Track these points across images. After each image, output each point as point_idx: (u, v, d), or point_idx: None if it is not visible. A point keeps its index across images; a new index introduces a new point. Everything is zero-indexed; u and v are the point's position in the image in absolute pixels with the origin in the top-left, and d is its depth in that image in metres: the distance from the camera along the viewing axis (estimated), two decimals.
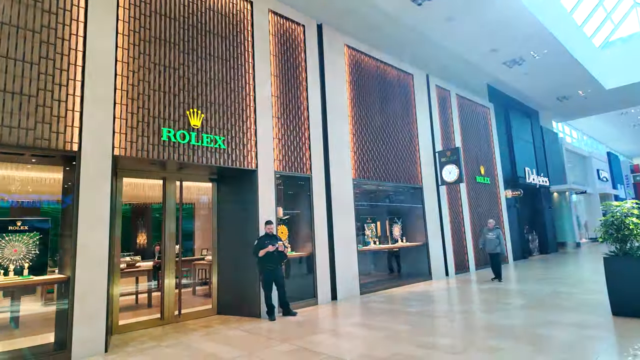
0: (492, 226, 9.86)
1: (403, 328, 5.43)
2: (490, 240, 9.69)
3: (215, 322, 6.43)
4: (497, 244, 9.57)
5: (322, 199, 8.07)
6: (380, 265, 10.45)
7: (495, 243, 9.58)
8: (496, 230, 9.74)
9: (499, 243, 9.56)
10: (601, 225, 6.01)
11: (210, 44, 6.79)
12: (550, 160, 20.04)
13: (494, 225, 9.90)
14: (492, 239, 9.63)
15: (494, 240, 9.61)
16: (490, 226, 9.90)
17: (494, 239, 9.60)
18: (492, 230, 9.77)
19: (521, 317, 5.76)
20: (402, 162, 10.44)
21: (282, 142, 7.61)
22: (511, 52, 12.15)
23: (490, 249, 9.69)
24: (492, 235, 9.67)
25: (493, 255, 9.69)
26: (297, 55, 8.26)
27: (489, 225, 9.93)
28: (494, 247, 9.60)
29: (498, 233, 9.67)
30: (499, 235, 9.66)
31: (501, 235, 9.69)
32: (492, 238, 9.63)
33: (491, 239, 9.65)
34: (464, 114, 13.45)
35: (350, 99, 9.29)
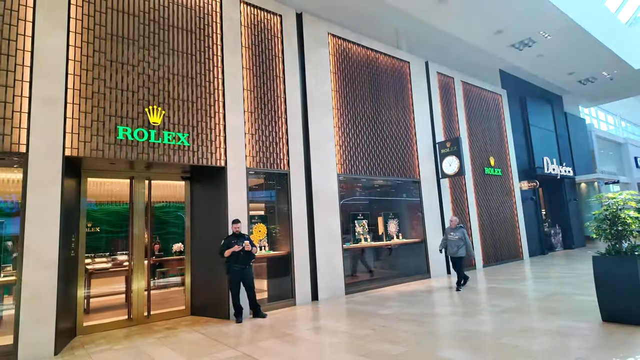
0: (454, 224, 8.34)
1: (364, 333, 5.05)
2: (451, 241, 8.20)
3: (183, 323, 6.29)
4: (459, 245, 8.07)
5: (301, 195, 7.75)
6: (374, 264, 10.00)
7: (458, 245, 8.09)
8: (459, 229, 8.22)
9: (462, 244, 8.08)
10: (593, 220, 5.35)
11: (173, 38, 6.61)
12: (576, 149, 18.70)
13: (457, 224, 8.37)
14: (454, 240, 8.14)
15: (456, 241, 8.11)
16: (452, 224, 8.38)
17: (456, 239, 8.12)
18: (455, 229, 8.25)
19: (498, 322, 5.23)
20: (397, 155, 9.92)
21: (256, 138, 7.34)
22: (518, 33, 11.27)
23: (451, 252, 8.20)
24: (454, 235, 8.17)
25: (455, 259, 8.23)
26: (273, 47, 7.94)
27: (451, 223, 8.41)
28: (455, 250, 8.11)
29: (462, 233, 8.15)
30: (464, 235, 8.15)
31: (466, 235, 8.18)
32: (454, 239, 8.14)
33: (452, 239, 8.17)
34: (471, 102, 12.67)
35: (336, 90, 8.88)
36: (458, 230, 8.21)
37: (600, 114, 29.30)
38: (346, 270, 8.47)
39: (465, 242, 8.10)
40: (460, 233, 8.14)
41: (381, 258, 10.10)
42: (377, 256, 9.99)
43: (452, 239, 8.22)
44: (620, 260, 4.79)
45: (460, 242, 8.10)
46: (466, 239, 8.13)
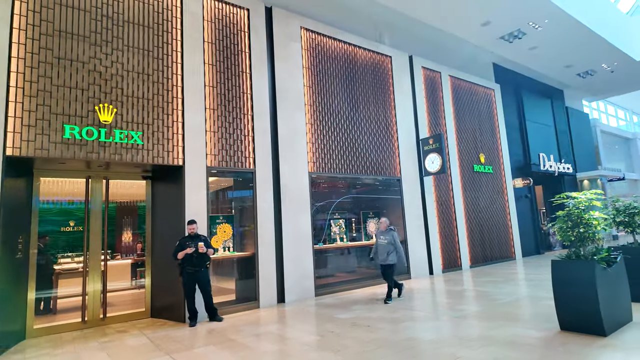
0: (384, 227, 7.29)
1: (310, 340, 4.83)
2: (381, 246, 7.15)
3: (138, 326, 6.15)
4: (389, 251, 7.00)
5: (268, 195, 7.53)
6: (351, 264, 9.74)
7: (388, 250, 7.00)
8: (389, 232, 7.17)
9: (393, 250, 7.02)
10: (556, 221, 5.01)
11: (128, 34, 6.43)
12: (578, 145, 18.08)
13: (388, 226, 7.32)
14: (383, 245, 7.09)
15: (386, 246, 7.04)
16: (382, 227, 7.33)
17: (386, 244, 7.06)
18: (385, 232, 7.20)
19: (452, 329, 4.94)
20: (376, 153, 9.62)
21: (219, 135, 7.14)
22: (506, 24, 10.82)
23: (380, 258, 7.12)
24: (384, 239, 7.13)
25: (384, 267, 7.15)
26: (239, 42, 7.72)
27: (381, 225, 7.37)
28: (384, 257, 7.03)
29: (392, 236, 7.10)
30: (394, 239, 7.08)
31: (397, 239, 7.11)
32: (384, 243, 7.09)
33: (382, 244, 7.13)
34: (460, 97, 12.27)
35: (309, 86, 8.63)
36: (388, 233, 7.16)
37: (609, 109, 28.40)
38: (319, 271, 8.25)
39: (395, 247, 7.03)
40: (391, 237, 7.09)
41: (358, 258, 9.84)
42: (355, 256, 9.73)
43: (381, 244, 7.15)
44: (579, 265, 4.45)
45: (390, 247, 7.02)
46: (397, 244, 7.07)
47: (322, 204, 9.53)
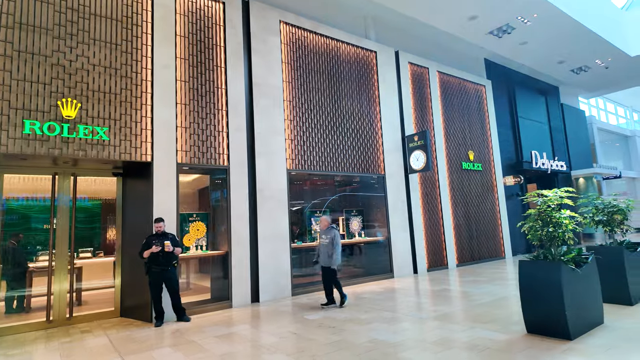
0: (325, 225, 6.66)
1: (270, 342, 4.68)
2: (322, 246, 6.57)
3: (104, 326, 6.02)
4: (330, 252, 6.41)
5: (243, 192, 7.37)
6: None
7: (329, 251, 6.42)
8: (331, 231, 6.52)
9: (333, 251, 6.41)
10: (526, 220, 4.83)
11: (95, 27, 6.27)
12: (574, 142, 17.84)
13: (329, 224, 6.68)
14: (325, 245, 6.51)
15: (327, 246, 6.46)
16: (322, 226, 6.70)
17: (327, 244, 6.47)
18: (326, 231, 6.59)
19: (418, 332, 4.77)
20: (359, 150, 9.44)
21: (190, 131, 6.98)
22: (493, 19, 10.59)
23: (322, 260, 6.56)
24: (326, 239, 6.53)
25: (325, 270, 6.58)
26: (214, 36, 7.55)
27: (321, 224, 6.73)
28: (325, 258, 6.49)
29: (333, 235, 6.45)
30: (335, 238, 6.43)
31: (337, 238, 6.45)
32: (325, 243, 6.52)
33: (323, 244, 6.55)
34: (449, 93, 12.06)
35: (288, 81, 8.45)
36: (329, 232, 6.53)
37: (609, 106, 28.07)
38: (299, 270, 8.10)
39: (334, 248, 6.40)
40: (331, 236, 6.47)
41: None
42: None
43: (323, 244, 6.57)
44: (545, 266, 4.28)
45: (331, 247, 6.43)
46: (336, 243, 6.41)
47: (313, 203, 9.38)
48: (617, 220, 5.72)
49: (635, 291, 5.41)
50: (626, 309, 5.20)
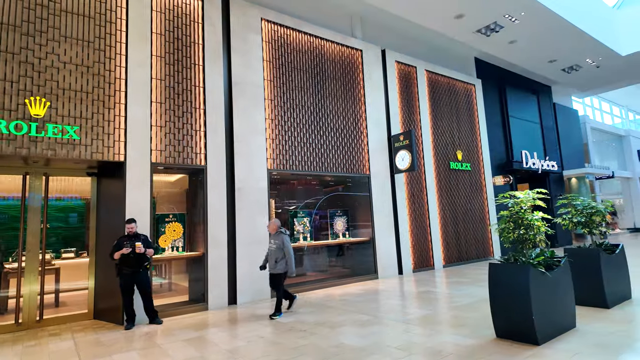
0: (274, 229, 6.25)
1: (234, 346, 4.57)
2: (270, 251, 6.21)
3: (74, 329, 5.90)
4: (278, 257, 6.05)
5: (220, 193, 7.26)
6: (316, 264, 9.49)
7: (277, 256, 6.05)
8: (279, 236, 6.14)
9: (282, 256, 6.05)
10: (498, 222, 4.73)
11: (66, 24, 6.15)
12: (566, 142, 17.75)
13: (278, 228, 6.27)
14: (273, 250, 6.15)
15: (275, 252, 6.09)
16: (271, 230, 6.30)
17: (275, 249, 6.12)
18: (275, 236, 6.21)
19: (386, 336, 4.67)
20: (343, 150, 9.34)
21: (166, 130, 6.87)
22: (481, 17, 10.48)
23: (269, 265, 6.17)
24: (273, 244, 6.18)
25: (272, 276, 6.18)
26: (192, 33, 7.43)
27: (269, 228, 6.34)
28: (273, 264, 6.09)
29: (282, 240, 6.08)
30: (283, 243, 6.07)
31: (287, 244, 6.08)
32: (273, 249, 6.16)
33: (272, 249, 6.18)
34: (438, 92, 11.95)
35: (269, 80, 8.34)
36: (278, 237, 6.16)
37: (604, 105, 27.99)
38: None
39: (284, 253, 6.07)
40: (280, 241, 6.11)
41: (324, 258, 9.59)
42: (319, 256, 9.47)
43: (271, 249, 6.22)
44: (514, 269, 4.18)
45: (279, 252, 6.07)
46: (286, 248, 6.07)
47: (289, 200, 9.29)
48: (596, 221, 5.62)
49: (612, 294, 5.32)
50: (602, 312, 5.10)
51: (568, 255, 5.54)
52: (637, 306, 5.36)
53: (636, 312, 5.06)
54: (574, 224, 5.80)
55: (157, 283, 8.88)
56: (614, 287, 5.41)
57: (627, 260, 5.88)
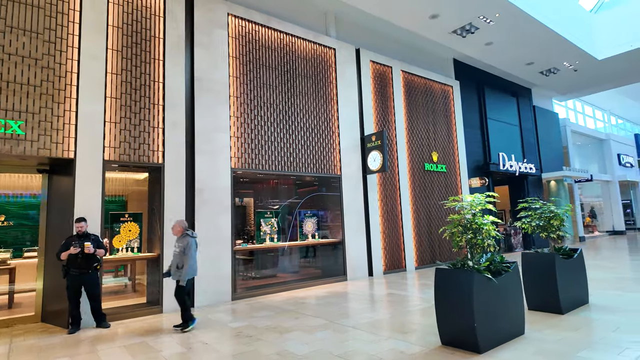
0: (178, 232, 5.59)
1: (173, 352, 4.38)
2: (174, 256, 5.58)
3: (14, 332, 5.64)
4: (179, 263, 5.45)
5: (179, 191, 7.04)
6: (283, 265, 9.32)
7: (178, 262, 5.46)
8: (184, 238, 5.53)
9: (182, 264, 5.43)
10: (448, 226, 4.61)
11: (12, 14, 5.87)
12: (546, 145, 17.83)
13: (184, 230, 5.61)
14: (176, 255, 5.54)
15: (178, 256, 5.50)
16: (175, 232, 5.61)
17: (178, 253, 5.51)
18: (180, 239, 5.58)
19: (332, 342, 4.52)
20: (313, 149, 9.17)
21: (121, 126, 6.62)
22: (455, 18, 10.40)
23: (172, 271, 5.53)
24: (177, 247, 5.56)
25: (177, 283, 5.50)
26: (152, 27, 7.19)
27: (174, 230, 5.63)
28: (174, 270, 5.49)
29: (186, 244, 5.47)
30: (187, 247, 5.44)
31: (191, 248, 5.45)
32: (176, 252, 5.54)
33: (175, 254, 5.58)
34: (414, 93, 11.86)
35: (236, 77, 8.13)
36: (183, 239, 5.54)
37: (587, 109, 28.30)
38: (247, 272, 7.81)
39: (186, 259, 5.41)
40: (184, 244, 5.48)
41: (292, 259, 9.42)
42: (287, 257, 9.31)
43: (174, 253, 5.60)
44: (459, 274, 4.05)
45: (181, 257, 5.47)
46: (187, 254, 5.42)
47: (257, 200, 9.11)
48: (554, 225, 5.54)
49: (567, 300, 5.24)
50: (555, 318, 5.02)
51: (524, 259, 5.48)
52: (592, 312, 5.29)
53: (588, 318, 4.99)
54: (532, 228, 5.72)
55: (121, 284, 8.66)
56: (570, 292, 5.34)
57: (585, 264, 5.81)
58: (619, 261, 10.79)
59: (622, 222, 23.63)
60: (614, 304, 5.66)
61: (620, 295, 6.24)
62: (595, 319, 4.95)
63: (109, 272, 8.52)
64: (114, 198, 8.67)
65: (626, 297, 6.05)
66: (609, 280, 7.67)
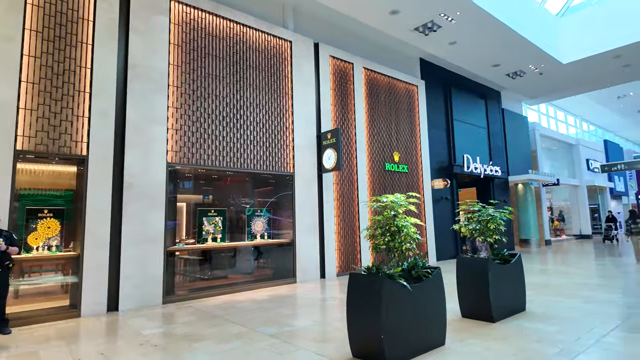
0: None
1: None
2: None
3: None
4: None
5: (105, 185, 6.53)
6: (225, 267, 8.88)
7: None
8: None
9: None
10: (367, 227, 4.28)
11: None
12: (514, 148, 17.85)
13: None
14: None
15: None
16: None
17: None
18: None
19: (228, 355, 4.13)
20: (264, 145, 8.76)
21: (39, 114, 6.08)
22: (416, 15, 10.15)
23: None
24: None
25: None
26: (79, 8, 6.66)
27: None
28: None
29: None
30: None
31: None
32: None
33: None
34: (376, 91, 11.57)
35: (177, 65, 7.66)
36: None
37: (559, 114, 28.71)
38: (185, 274, 7.34)
39: None
40: None
41: (236, 261, 9.00)
42: (231, 258, 8.87)
43: None
44: (371, 280, 3.72)
45: None
46: None
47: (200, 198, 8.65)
48: (491, 229, 5.28)
49: (499, 307, 4.99)
50: (485, 327, 4.75)
51: (459, 264, 5.21)
52: (525, 320, 5.05)
53: (519, 327, 4.74)
54: (469, 231, 5.46)
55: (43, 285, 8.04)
56: (504, 299, 5.09)
57: (523, 270, 5.58)
58: (577, 266, 10.75)
59: (589, 226, 23.97)
60: (551, 312, 5.45)
61: (559, 302, 6.04)
62: (525, 327, 4.70)
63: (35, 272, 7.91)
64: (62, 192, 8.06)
65: (565, 304, 5.86)
66: (558, 286, 7.51)
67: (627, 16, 12.47)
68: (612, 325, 4.72)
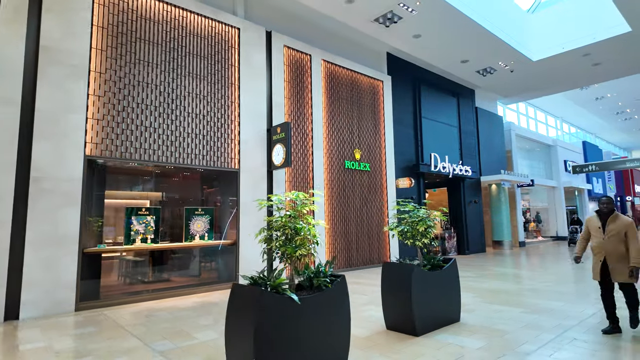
0: None
1: None
2: None
3: None
4: None
5: (7, 180, 5.83)
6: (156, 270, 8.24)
7: None
8: None
9: None
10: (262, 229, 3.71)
11: None
12: (487, 148, 17.49)
13: None
14: None
15: None
16: None
17: None
18: None
19: None
20: (204, 139, 8.13)
21: None
22: (373, 4, 9.60)
23: None
24: None
25: None
26: None
27: None
28: None
29: None
30: None
31: None
32: None
33: None
34: (337, 86, 11.02)
35: (101, 50, 6.98)
36: None
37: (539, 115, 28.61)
38: (106, 278, 6.67)
39: None
40: None
41: (169, 263, 8.35)
42: (164, 261, 8.22)
43: None
44: (250, 293, 3.14)
45: None
46: None
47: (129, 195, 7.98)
48: (420, 231, 4.75)
49: (424, 319, 4.45)
50: (404, 342, 4.21)
51: (384, 270, 4.67)
52: (451, 334, 4.52)
53: (440, 343, 4.20)
54: (399, 234, 4.92)
55: None
56: (431, 310, 4.56)
57: (459, 277, 5.07)
58: (543, 270, 10.33)
59: (565, 227, 23.82)
60: (486, 323, 4.94)
61: (500, 311, 5.55)
62: (447, 343, 4.17)
63: None
64: None
65: (505, 314, 5.37)
66: (506, 292, 7.03)
67: (596, 13, 12.15)
68: (546, 339, 4.23)
